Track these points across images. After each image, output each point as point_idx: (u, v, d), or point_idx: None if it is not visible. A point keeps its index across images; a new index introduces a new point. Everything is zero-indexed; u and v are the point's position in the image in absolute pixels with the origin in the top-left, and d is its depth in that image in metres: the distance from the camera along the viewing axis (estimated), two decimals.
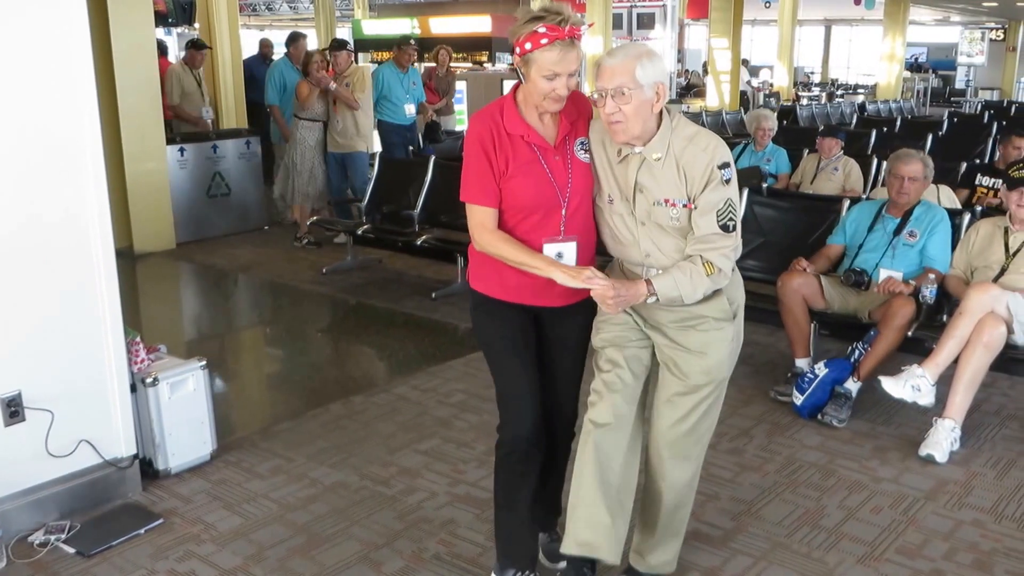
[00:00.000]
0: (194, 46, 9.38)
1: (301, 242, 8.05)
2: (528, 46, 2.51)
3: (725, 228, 2.61)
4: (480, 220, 2.69)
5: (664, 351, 2.78)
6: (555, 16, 2.49)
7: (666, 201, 2.63)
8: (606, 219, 2.77)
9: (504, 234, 2.68)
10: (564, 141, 2.70)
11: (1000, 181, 5.55)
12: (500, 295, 2.79)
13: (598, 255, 2.83)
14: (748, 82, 21.01)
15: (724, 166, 2.60)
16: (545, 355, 2.87)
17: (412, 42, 9.35)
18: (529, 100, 2.65)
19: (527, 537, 2.95)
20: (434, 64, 10.82)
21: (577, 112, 2.72)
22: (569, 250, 2.71)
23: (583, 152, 2.73)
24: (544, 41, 2.49)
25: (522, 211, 2.69)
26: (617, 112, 2.55)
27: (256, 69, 10.47)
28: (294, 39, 9.11)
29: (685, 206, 2.62)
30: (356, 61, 9.61)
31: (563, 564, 2.96)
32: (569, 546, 2.76)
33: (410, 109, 9.06)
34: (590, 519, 2.72)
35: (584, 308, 2.79)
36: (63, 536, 3.27)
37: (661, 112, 2.63)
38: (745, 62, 21.14)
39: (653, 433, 2.88)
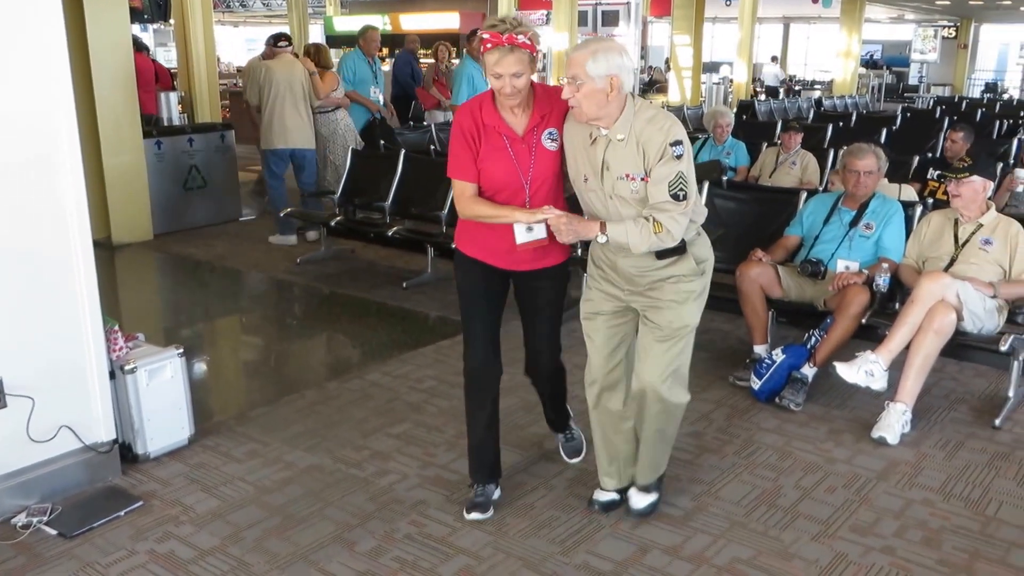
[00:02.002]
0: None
1: None
2: (482, 49, 2.96)
3: (675, 197, 2.93)
4: (461, 191, 3.17)
5: (645, 312, 3.19)
6: (499, 24, 2.93)
7: (627, 176, 2.98)
8: (583, 196, 3.15)
9: (479, 198, 3.15)
10: (532, 132, 3.11)
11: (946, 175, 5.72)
12: (476, 255, 3.26)
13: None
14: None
15: (676, 143, 2.93)
16: (525, 313, 3.39)
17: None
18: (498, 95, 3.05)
19: (484, 454, 3.45)
20: (433, 60, 10.87)
21: (550, 106, 3.11)
22: (539, 226, 3.12)
23: (550, 141, 3.13)
24: (489, 46, 2.92)
25: (491, 189, 3.15)
26: (572, 97, 2.93)
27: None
28: (364, 32, 9.07)
29: (643, 179, 2.96)
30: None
31: (578, 460, 3.79)
32: (598, 493, 3.47)
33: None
34: (603, 468, 3.46)
35: (549, 272, 3.28)
36: (45, 518, 3.31)
37: (626, 98, 2.97)
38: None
39: (637, 375, 3.26)
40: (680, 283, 3.12)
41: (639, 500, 3.42)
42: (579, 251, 4.13)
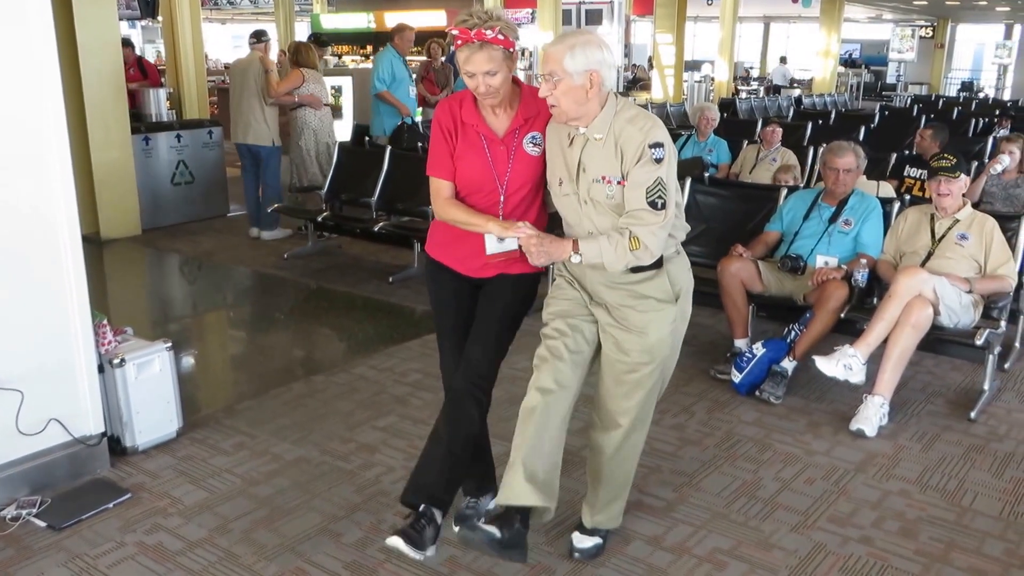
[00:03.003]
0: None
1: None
2: (452, 47, 2.79)
3: (653, 205, 2.69)
4: (436, 189, 2.99)
5: (607, 329, 2.92)
6: (468, 19, 2.70)
7: (603, 178, 2.76)
8: (557, 201, 2.93)
9: (455, 201, 2.96)
10: (513, 134, 2.90)
11: (925, 172, 5.81)
12: (443, 260, 3.09)
13: None
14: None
15: (656, 146, 2.69)
16: (477, 317, 3.07)
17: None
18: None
19: (433, 473, 2.96)
20: (428, 57, 10.86)
21: (536, 109, 2.89)
22: (511, 238, 2.88)
23: (532, 146, 2.91)
24: (458, 43, 2.72)
25: (465, 189, 2.96)
26: (550, 95, 2.72)
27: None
28: (400, 30, 9.02)
29: (619, 183, 2.74)
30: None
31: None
32: (505, 496, 2.81)
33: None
34: (526, 473, 2.79)
35: (513, 278, 3.01)
36: (34, 511, 3.33)
37: (608, 96, 2.76)
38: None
39: (597, 405, 3.06)
40: (649, 311, 2.87)
41: (581, 540, 3.17)
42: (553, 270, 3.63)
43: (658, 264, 2.84)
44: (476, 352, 3.00)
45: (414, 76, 9.19)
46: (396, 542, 2.77)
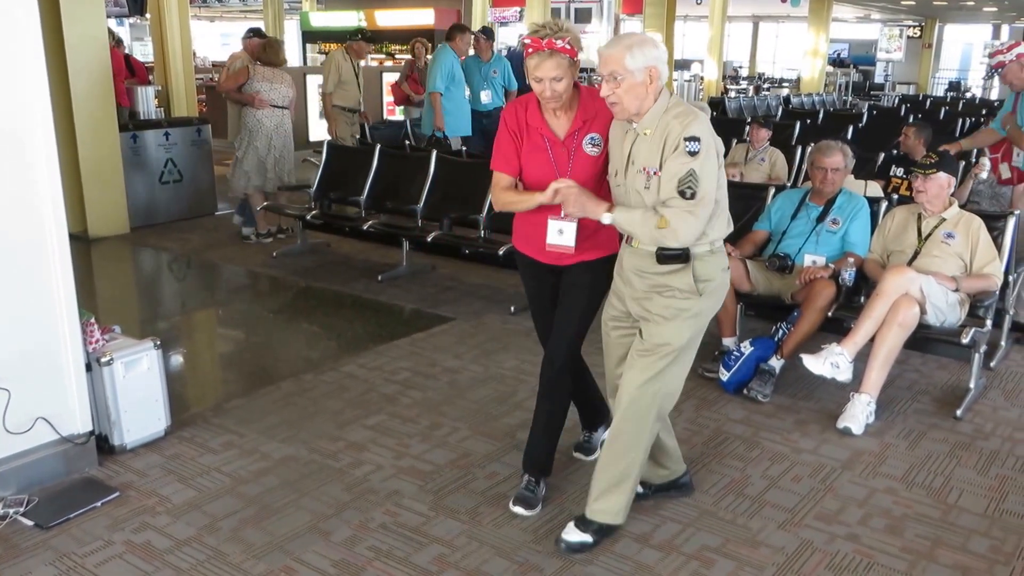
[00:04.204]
0: (363, 38, 9.15)
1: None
2: (524, 54, 3.02)
3: (682, 194, 2.82)
4: (497, 181, 3.26)
5: (637, 318, 3.10)
6: (540, 30, 2.97)
7: (644, 169, 2.92)
8: (613, 192, 3.11)
9: (508, 189, 3.24)
10: (573, 135, 3.14)
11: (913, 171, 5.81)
12: (524, 250, 3.36)
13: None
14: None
15: (692, 139, 2.81)
16: (558, 304, 3.35)
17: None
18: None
19: (537, 449, 3.46)
20: (411, 57, 10.84)
21: (595, 111, 3.11)
22: (569, 228, 3.15)
23: (592, 147, 3.14)
24: (530, 51, 2.97)
25: (530, 187, 3.20)
26: (612, 94, 2.89)
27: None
28: (462, 30, 8.97)
29: (655, 173, 2.88)
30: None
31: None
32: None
33: (485, 96, 9.10)
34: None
35: (589, 264, 3.24)
36: (21, 509, 3.32)
37: (662, 92, 2.93)
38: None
39: (619, 387, 3.17)
40: (673, 299, 2.99)
41: (571, 532, 3.19)
42: None
43: (685, 258, 2.96)
44: (560, 345, 3.33)
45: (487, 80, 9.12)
46: (517, 509, 3.38)
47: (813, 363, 4.22)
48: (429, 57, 10.08)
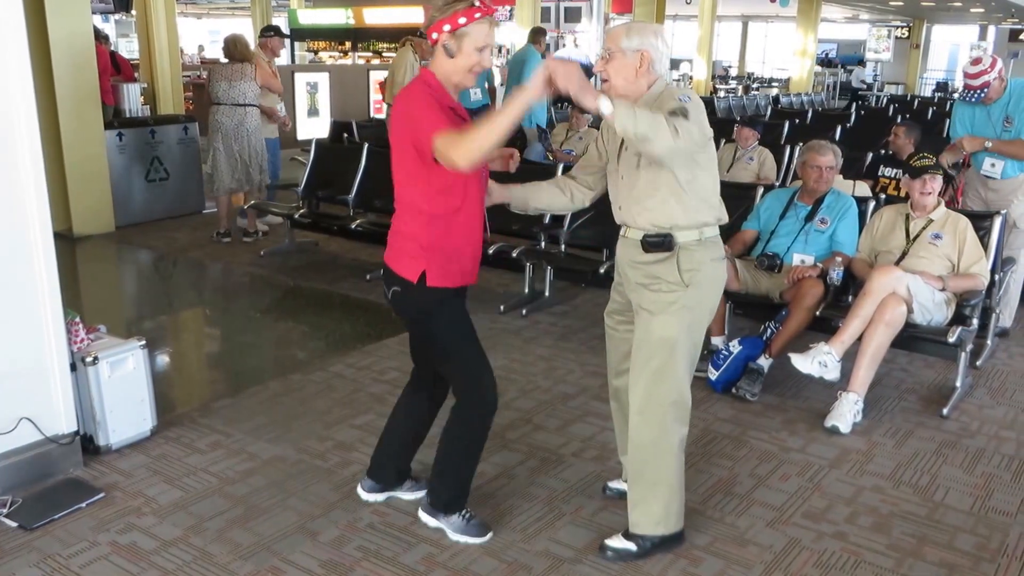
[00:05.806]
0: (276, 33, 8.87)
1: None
2: (462, 20, 2.77)
3: (673, 113, 2.67)
4: (449, 137, 2.72)
5: (636, 310, 3.08)
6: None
7: (637, 154, 2.90)
8: (609, 179, 3.13)
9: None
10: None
11: (900, 171, 5.83)
12: (460, 282, 3.03)
13: None
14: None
15: (681, 99, 2.77)
16: None
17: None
18: (451, 78, 2.87)
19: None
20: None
21: None
22: None
23: None
24: (478, 15, 2.77)
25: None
26: (603, 71, 2.92)
27: None
28: (542, 32, 9.02)
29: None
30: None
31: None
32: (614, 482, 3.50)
33: (475, 94, 8.89)
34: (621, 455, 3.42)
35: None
36: (5, 510, 3.30)
37: (657, 81, 2.93)
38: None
39: (623, 390, 3.21)
40: (659, 292, 2.97)
41: (615, 539, 3.16)
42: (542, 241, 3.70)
43: (669, 247, 2.94)
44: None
45: None
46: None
47: (801, 362, 4.23)
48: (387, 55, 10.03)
